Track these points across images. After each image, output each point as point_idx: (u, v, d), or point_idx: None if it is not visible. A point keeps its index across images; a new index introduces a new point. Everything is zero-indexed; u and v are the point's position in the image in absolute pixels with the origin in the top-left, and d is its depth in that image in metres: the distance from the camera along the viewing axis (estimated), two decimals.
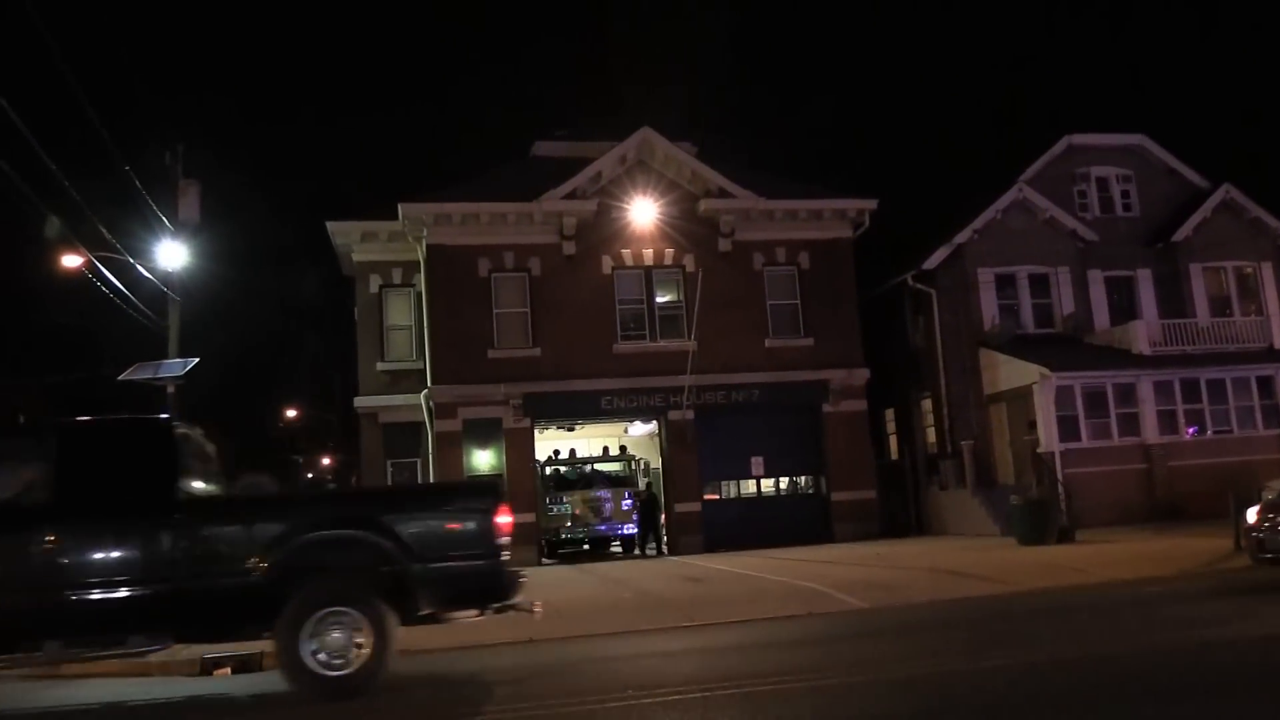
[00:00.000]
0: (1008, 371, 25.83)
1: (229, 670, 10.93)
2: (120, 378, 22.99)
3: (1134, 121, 38.22)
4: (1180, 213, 28.59)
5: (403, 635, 11.14)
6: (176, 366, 23.02)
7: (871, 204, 26.62)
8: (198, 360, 23.38)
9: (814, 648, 9.85)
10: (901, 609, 12.41)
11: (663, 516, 26.40)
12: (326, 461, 58.24)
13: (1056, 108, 54.94)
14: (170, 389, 23.19)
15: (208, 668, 11.01)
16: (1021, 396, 25.41)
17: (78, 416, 8.47)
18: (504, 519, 7.77)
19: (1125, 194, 29.08)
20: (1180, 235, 28.12)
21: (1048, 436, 24.23)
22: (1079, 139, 28.91)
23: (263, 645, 11.59)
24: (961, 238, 27.06)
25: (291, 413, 54.40)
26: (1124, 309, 28.06)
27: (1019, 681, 7.29)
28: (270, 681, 9.98)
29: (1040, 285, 27.78)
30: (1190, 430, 25.35)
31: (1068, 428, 24.46)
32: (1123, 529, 21.55)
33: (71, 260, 21.44)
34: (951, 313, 27.17)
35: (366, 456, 25.98)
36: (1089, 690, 6.79)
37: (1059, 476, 22.88)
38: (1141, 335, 26.15)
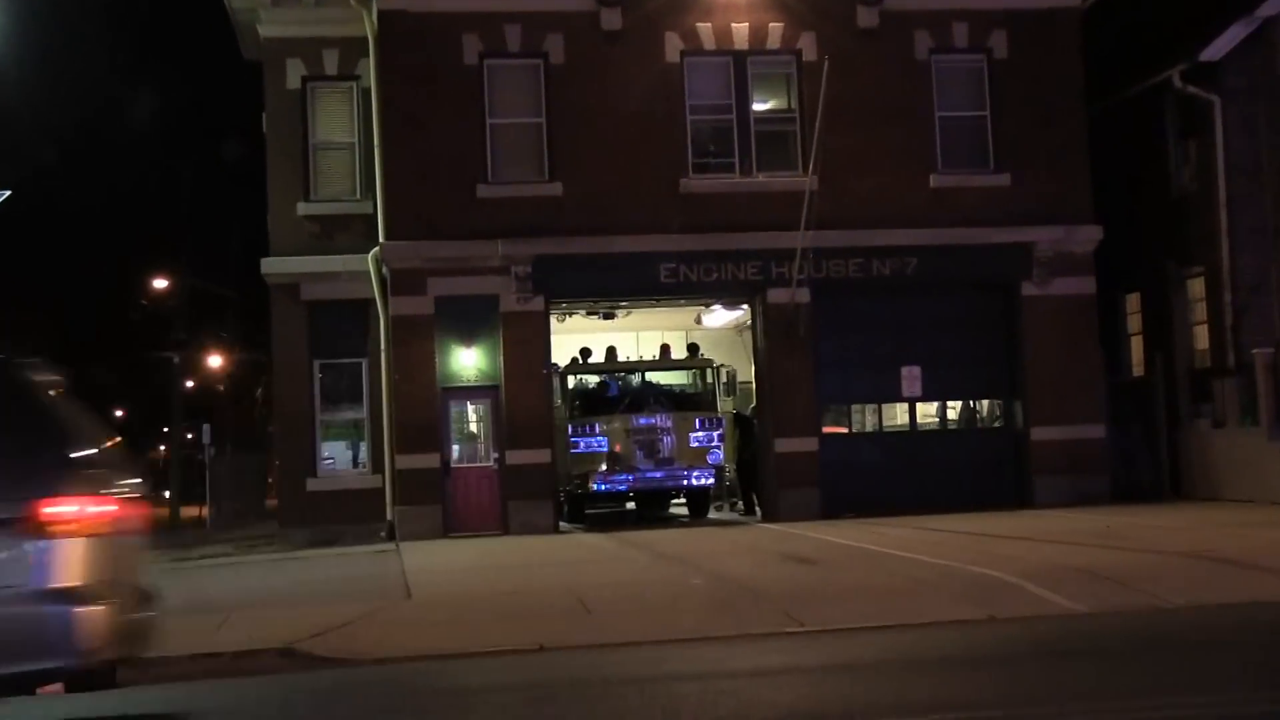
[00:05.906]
0: None
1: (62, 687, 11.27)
2: None
3: None
4: None
5: (387, 638, 11.50)
6: None
7: None
8: (9, 194, 23.73)
9: (995, 671, 9.92)
10: (1141, 615, 12.44)
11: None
12: (218, 362, 59.07)
13: None
14: None
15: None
16: None
17: None
18: None
19: None
20: None
21: None
22: None
23: None
24: (1268, 9, 26.28)
25: (161, 283, 54.78)
26: None
27: None
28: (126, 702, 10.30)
29: None
30: None
31: None
32: None
33: None
34: (1247, 135, 26.51)
35: (281, 352, 26.25)
36: None
37: None
38: None
